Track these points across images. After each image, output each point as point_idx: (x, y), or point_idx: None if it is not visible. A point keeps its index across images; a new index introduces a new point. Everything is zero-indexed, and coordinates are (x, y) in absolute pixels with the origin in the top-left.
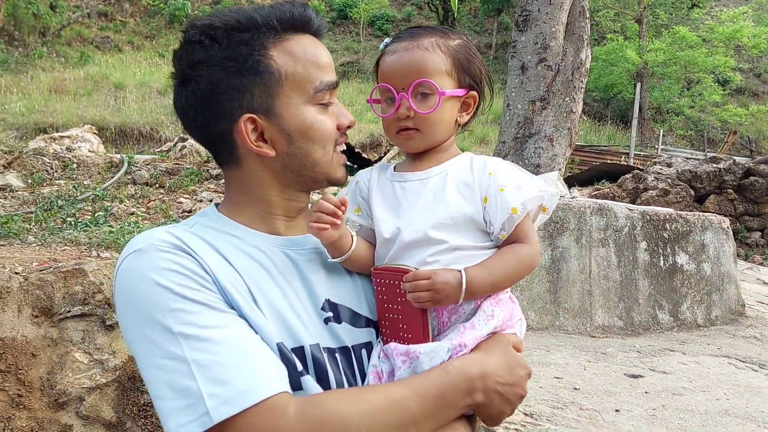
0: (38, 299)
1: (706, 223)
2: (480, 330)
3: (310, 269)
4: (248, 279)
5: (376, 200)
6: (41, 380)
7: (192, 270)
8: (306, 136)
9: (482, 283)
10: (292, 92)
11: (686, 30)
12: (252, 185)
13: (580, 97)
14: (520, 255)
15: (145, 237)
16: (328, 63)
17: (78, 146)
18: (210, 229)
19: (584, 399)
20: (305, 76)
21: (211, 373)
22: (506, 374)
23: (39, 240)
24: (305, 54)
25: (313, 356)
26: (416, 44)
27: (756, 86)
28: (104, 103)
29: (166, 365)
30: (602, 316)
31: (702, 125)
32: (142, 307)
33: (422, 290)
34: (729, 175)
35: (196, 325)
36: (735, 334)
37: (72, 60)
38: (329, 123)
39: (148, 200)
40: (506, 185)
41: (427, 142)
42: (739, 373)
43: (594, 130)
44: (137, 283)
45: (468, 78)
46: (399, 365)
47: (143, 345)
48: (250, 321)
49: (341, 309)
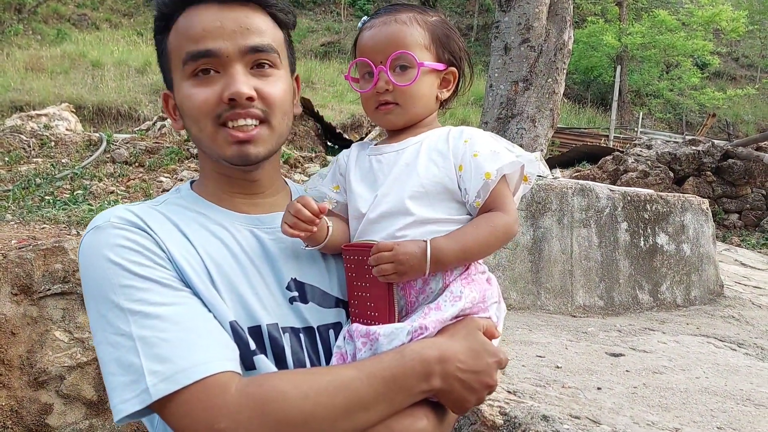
0: (17, 277)
1: (686, 204)
2: (445, 312)
3: (277, 248)
4: (206, 257)
5: (354, 176)
6: (21, 359)
7: (145, 246)
8: (183, 111)
9: (450, 252)
10: (175, 68)
11: (666, 14)
12: (200, 159)
13: (562, 78)
14: (494, 222)
15: (104, 215)
16: (200, 32)
17: (55, 125)
18: (178, 206)
19: (566, 377)
20: (178, 51)
21: (155, 350)
22: (470, 360)
23: (17, 218)
24: (184, 26)
25: (270, 336)
26: (394, 18)
27: (734, 70)
28: (81, 82)
29: (115, 341)
30: (583, 296)
31: (680, 108)
32: (96, 283)
33: (385, 262)
34: (708, 158)
35: (146, 302)
36: (713, 314)
37: (48, 38)
38: (199, 97)
39: (128, 179)
40: (480, 151)
41: (407, 116)
42: (718, 352)
43: (574, 112)
44: (93, 260)
45: (447, 53)
46: (360, 347)
47: (97, 321)
48: (203, 299)
49: (308, 288)
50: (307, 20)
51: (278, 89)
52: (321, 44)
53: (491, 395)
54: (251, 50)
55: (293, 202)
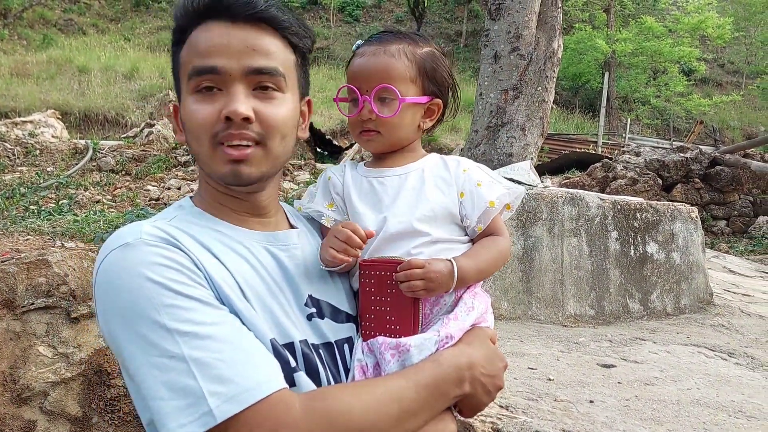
0: (0, 292)
1: (675, 212)
2: (463, 321)
3: (293, 265)
4: (237, 275)
5: (354, 196)
6: (3, 375)
7: (184, 265)
8: (185, 126)
9: (471, 271)
10: (182, 81)
11: (653, 20)
12: (202, 175)
13: (552, 86)
14: (500, 246)
15: (132, 230)
16: (207, 48)
17: (41, 131)
18: (190, 223)
19: (558, 390)
20: (186, 63)
21: (212, 371)
22: (488, 365)
23: (0, 229)
24: (195, 41)
25: (303, 352)
26: (383, 49)
27: (720, 76)
28: (68, 87)
29: (163, 364)
30: (574, 305)
31: (668, 115)
32: (132, 304)
33: (416, 279)
34: (695, 165)
35: (192, 321)
36: (703, 323)
37: (34, 43)
38: (201, 113)
39: (114, 188)
40: (482, 180)
41: (387, 144)
42: (708, 362)
43: (563, 118)
44: (126, 278)
45: (432, 86)
46: (388, 359)
47: (135, 345)
48: (242, 317)
49: (323, 305)
50: None
51: (279, 112)
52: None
53: None
54: (254, 71)
55: (339, 228)
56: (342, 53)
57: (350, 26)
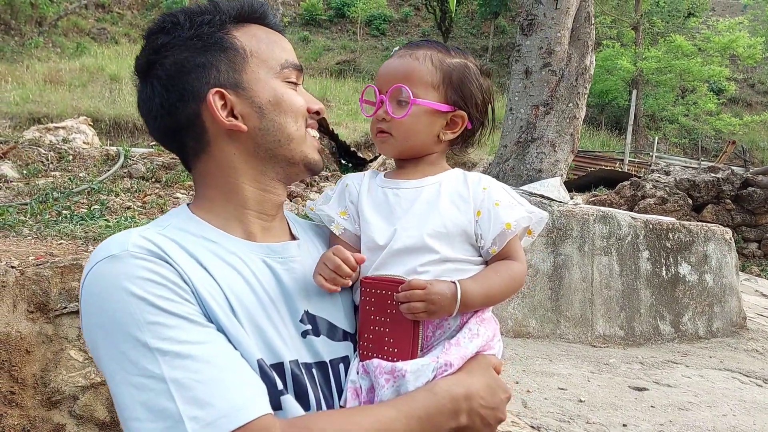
0: (34, 294)
1: (709, 233)
2: (465, 348)
3: (290, 279)
4: (227, 289)
5: (367, 206)
6: (35, 377)
7: (170, 279)
8: (278, 107)
9: (476, 296)
10: (259, 68)
11: (682, 39)
12: (223, 173)
13: (583, 102)
14: (513, 272)
15: (119, 241)
16: (290, 49)
17: (73, 137)
18: (184, 232)
19: (590, 412)
20: (270, 53)
21: (191, 393)
22: (489, 397)
23: (35, 233)
24: (269, 37)
25: (293, 373)
26: (410, 53)
27: (750, 96)
28: (99, 95)
29: (142, 384)
30: (603, 325)
31: (696, 134)
32: (115, 319)
33: (417, 300)
34: (727, 185)
35: (175, 340)
36: (737, 347)
37: (68, 51)
38: (299, 98)
39: (144, 194)
40: (501, 201)
41: (399, 148)
42: (744, 388)
43: (588, 135)
44: (110, 292)
45: (456, 96)
46: (382, 383)
47: (115, 361)
48: (229, 335)
49: (319, 321)
50: (323, 39)
51: None
52: (336, 63)
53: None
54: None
55: (329, 254)
56: (368, 66)
57: (376, 40)
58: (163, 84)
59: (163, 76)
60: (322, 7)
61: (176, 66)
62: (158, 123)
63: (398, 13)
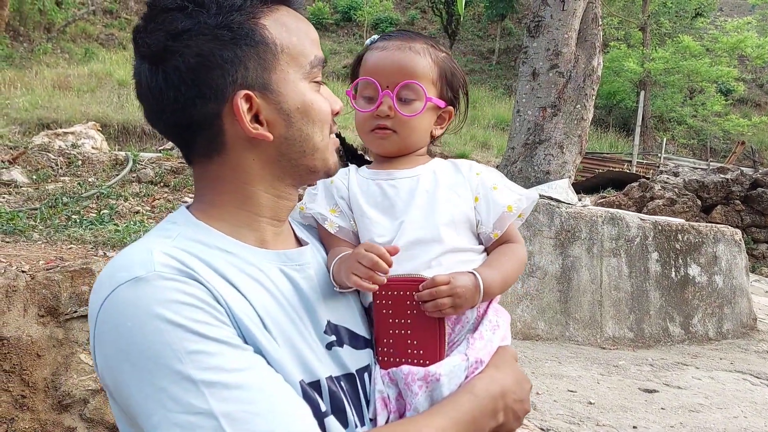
0: (44, 299)
1: (719, 234)
2: (490, 341)
3: (309, 287)
4: (258, 306)
5: (363, 201)
6: (45, 381)
7: (205, 301)
8: (307, 116)
9: (495, 283)
10: (289, 67)
11: (690, 39)
12: (237, 180)
13: (591, 104)
14: (518, 254)
15: (142, 260)
16: (317, 38)
17: (82, 143)
18: (198, 243)
19: (600, 414)
20: (301, 49)
21: (247, 426)
22: (518, 390)
23: (44, 238)
24: (298, 26)
25: (330, 390)
26: (409, 46)
27: (759, 97)
28: (107, 100)
29: (188, 422)
30: (613, 327)
31: (704, 135)
32: (149, 351)
33: (444, 296)
34: (736, 186)
35: (221, 369)
36: (747, 349)
37: (76, 56)
38: (325, 105)
39: (153, 198)
40: (498, 184)
41: (400, 145)
42: (755, 389)
43: (596, 137)
44: (141, 320)
45: (449, 92)
46: (415, 391)
47: (152, 400)
48: (268, 357)
49: (342, 330)
50: (330, 42)
51: None
52: (343, 66)
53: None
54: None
55: (362, 251)
56: None
57: None
58: (182, 77)
59: (182, 69)
60: (329, 11)
61: (200, 59)
62: (167, 116)
63: (405, 16)
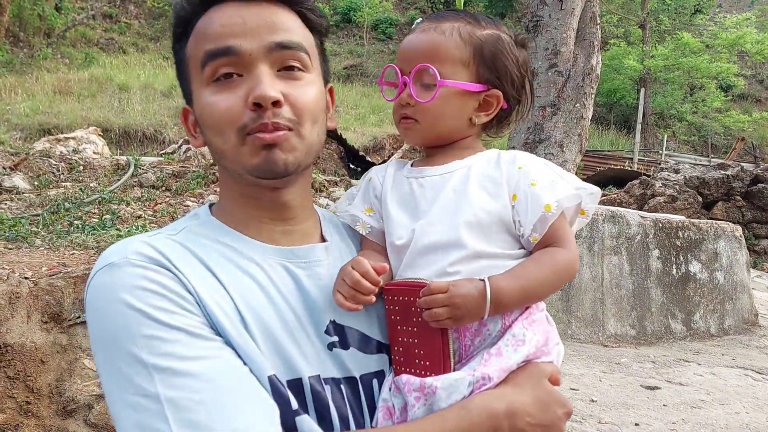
0: (48, 305)
1: (719, 231)
2: (508, 359)
3: (313, 285)
4: (238, 298)
5: (391, 200)
6: (50, 387)
7: (170, 289)
8: (204, 123)
9: (511, 293)
10: (193, 75)
11: (689, 36)
12: (222, 180)
13: (590, 103)
14: (556, 260)
15: (118, 249)
16: (219, 29)
17: (83, 148)
18: (199, 236)
19: (602, 412)
20: (195, 52)
21: (188, 414)
22: (539, 413)
23: (47, 243)
24: (203, 27)
25: (313, 390)
26: (435, 27)
27: (759, 92)
28: (108, 105)
29: (137, 403)
30: (614, 325)
31: (705, 131)
32: (111, 332)
33: (439, 305)
34: (737, 182)
35: (174, 356)
36: (749, 345)
37: (76, 61)
38: (221, 105)
39: (155, 203)
40: (538, 180)
41: (426, 135)
42: (756, 385)
43: (597, 134)
44: (107, 304)
45: (489, 73)
46: (412, 402)
47: (112, 377)
48: (238, 349)
49: (349, 332)
50: (330, 44)
51: (309, 94)
52: (343, 67)
53: None
54: (277, 47)
55: (348, 268)
56: (375, 71)
57: (383, 44)
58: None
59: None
60: (329, 12)
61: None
62: None
63: (404, 17)
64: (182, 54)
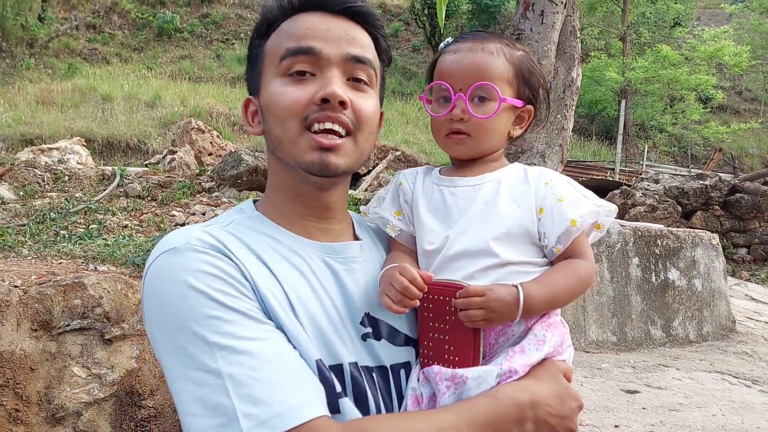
0: (37, 313)
1: (697, 239)
2: (531, 356)
3: (350, 280)
4: (288, 287)
5: (423, 206)
6: (39, 395)
7: (230, 274)
8: (268, 110)
9: (540, 299)
10: (268, 67)
11: (669, 49)
12: (272, 173)
13: (571, 114)
14: (580, 271)
15: (181, 235)
16: (305, 31)
17: (67, 158)
18: (247, 228)
19: (583, 415)
20: (276, 48)
21: (247, 390)
22: (557, 405)
23: (34, 253)
24: (288, 27)
25: (352, 375)
26: (481, 47)
27: (737, 104)
28: (92, 115)
29: (199, 378)
30: (596, 331)
31: (685, 142)
32: (174, 312)
33: (476, 308)
34: (715, 192)
35: (234, 335)
36: (726, 350)
37: (60, 72)
38: (291, 95)
39: (141, 213)
40: (565, 196)
41: (476, 149)
42: (732, 389)
43: (579, 145)
44: (170, 285)
45: (527, 90)
46: (443, 390)
47: (174, 355)
48: (288, 334)
49: (381, 324)
50: None
51: (370, 107)
52: None
53: None
54: (353, 59)
55: (394, 273)
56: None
57: None
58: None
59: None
60: None
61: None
62: None
63: (389, 29)
64: (259, 49)
